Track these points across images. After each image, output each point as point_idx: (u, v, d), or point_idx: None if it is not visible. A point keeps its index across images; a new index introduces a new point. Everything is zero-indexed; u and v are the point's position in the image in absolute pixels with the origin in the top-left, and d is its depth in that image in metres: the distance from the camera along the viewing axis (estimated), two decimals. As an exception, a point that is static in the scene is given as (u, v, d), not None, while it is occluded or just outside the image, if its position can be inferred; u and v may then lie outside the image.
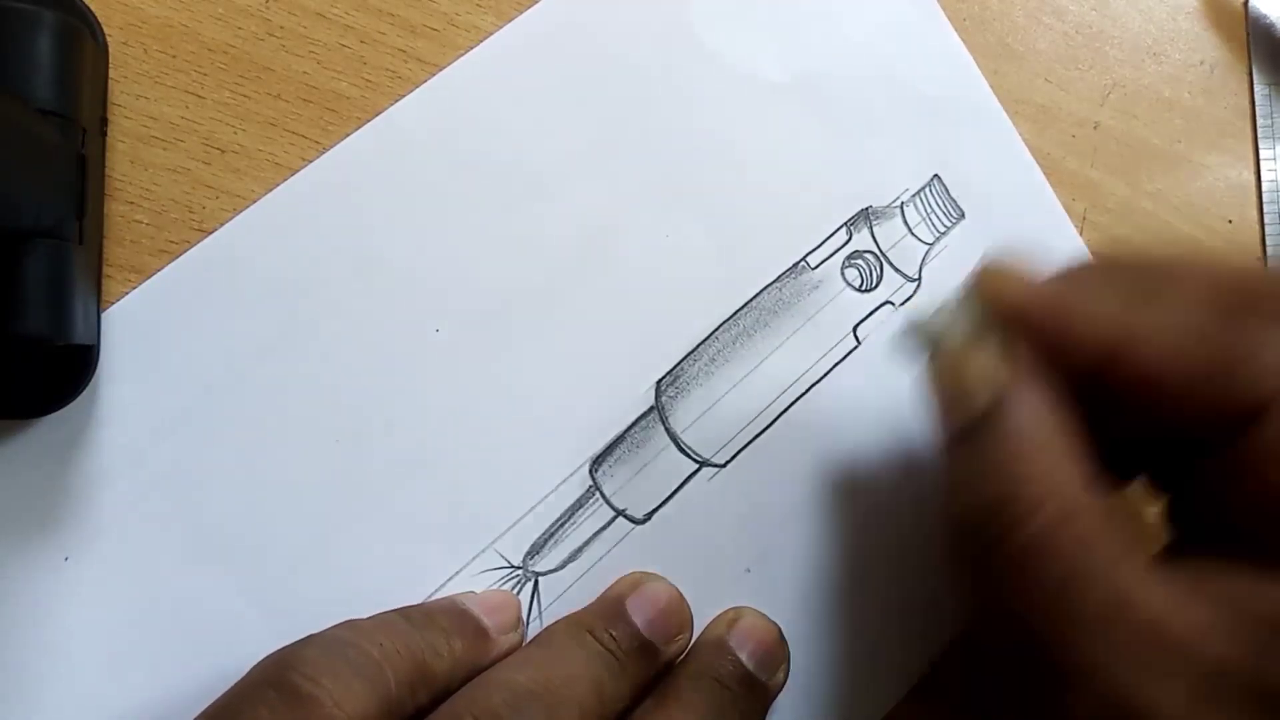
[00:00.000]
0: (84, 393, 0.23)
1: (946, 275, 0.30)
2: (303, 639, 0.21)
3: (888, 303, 0.30)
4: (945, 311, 0.23)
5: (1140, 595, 0.19)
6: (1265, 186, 0.36)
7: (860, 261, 0.29)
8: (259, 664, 0.21)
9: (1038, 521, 0.20)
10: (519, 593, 0.25)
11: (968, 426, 0.22)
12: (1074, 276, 0.23)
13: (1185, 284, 0.21)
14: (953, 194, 0.31)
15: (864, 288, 0.29)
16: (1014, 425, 0.21)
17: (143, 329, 0.24)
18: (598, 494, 0.26)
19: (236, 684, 0.21)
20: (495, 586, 0.25)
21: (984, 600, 0.22)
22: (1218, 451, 0.20)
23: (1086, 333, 0.21)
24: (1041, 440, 0.20)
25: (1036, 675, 0.20)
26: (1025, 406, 0.21)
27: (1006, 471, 0.20)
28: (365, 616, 0.23)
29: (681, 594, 0.26)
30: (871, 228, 0.30)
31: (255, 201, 0.25)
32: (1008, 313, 0.22)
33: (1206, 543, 0.21)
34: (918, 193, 0.31)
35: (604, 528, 0.26)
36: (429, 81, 0.27)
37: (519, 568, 0.26)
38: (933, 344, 0.23)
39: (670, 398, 0.27)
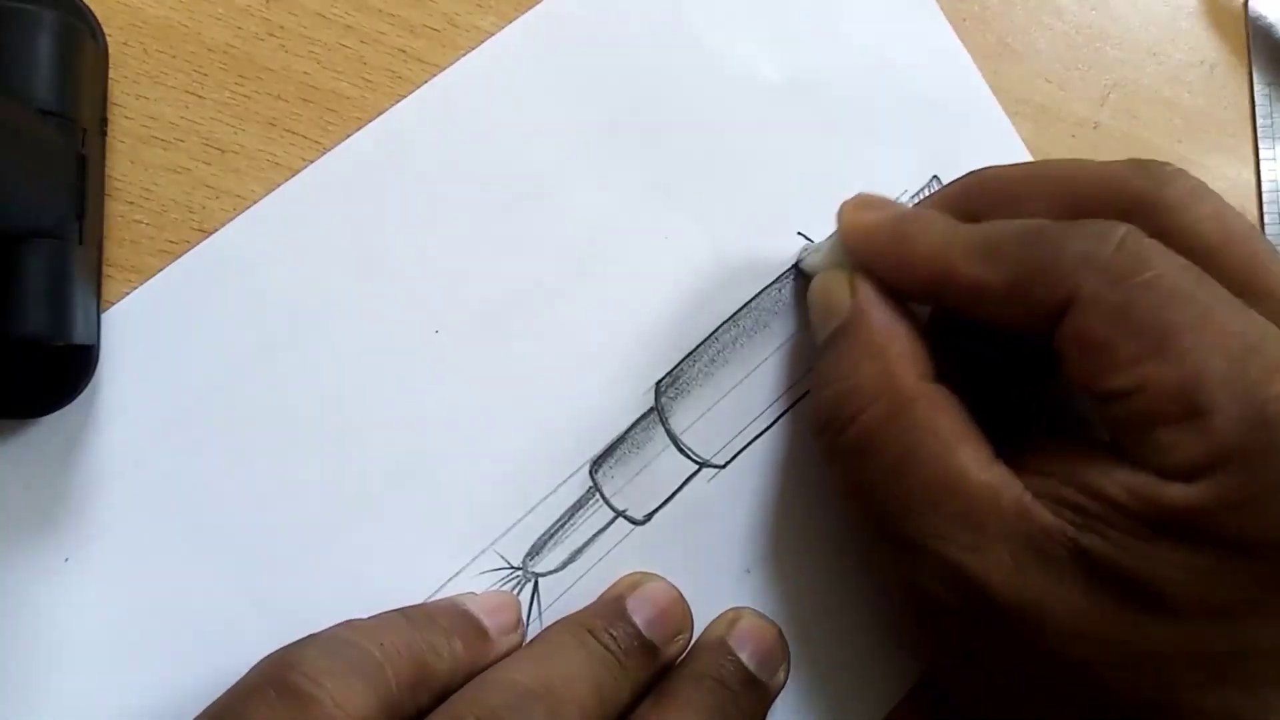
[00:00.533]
0: (84, 393, 0.23)
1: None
2: (303, 639, 0.21)
3: (888, 303, 0.30)
4: (823, 245, 0.28)
5: (970, 475, 0.21)
6: (1265, 186, 0.36)
7: (860, 262, 0.29)
8: (259, 664, 0.21)
9: (874, 411, 0.23)
10: (519, 593, 0.25)
11: (827, 337, 0.25)
12: (926, 203, 0.26)
13: (1022, 195, 0.24)
14: (953, 194, 0.31)
15: (864, 288, 0.29)
16: (858, 333, 0.24)
17: (143, 329, 0.24)
18: (598, 495, 0.26)
19: (236, 684, 0.21)
20: (495, 587, 0.25)
21: (838, 483, 0.25)
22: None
23: (915, 256, 0.24)
24: (879, 345, 0.24)
25: (886, 547, 0.23)
26: (869, 318, 0.24)
27: (849, 370, 0.24)
28: (365, 617, 0.23)
29: (681, 594, 0.26)
30: (872, 228, 0.30)
31: (255, 202, 0.25)
32: (857, 243, 0.25)
33: (1045, 435, 0.23)
34: (917, 194, 0.31)
35: (604, 529, 0.26)
36: (430, 82, 0.27)
37: (519, 568, 0.26)
38: (813, 274, 0.27)
39: (670, 399, 0.27)
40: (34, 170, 0.20)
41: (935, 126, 0.31)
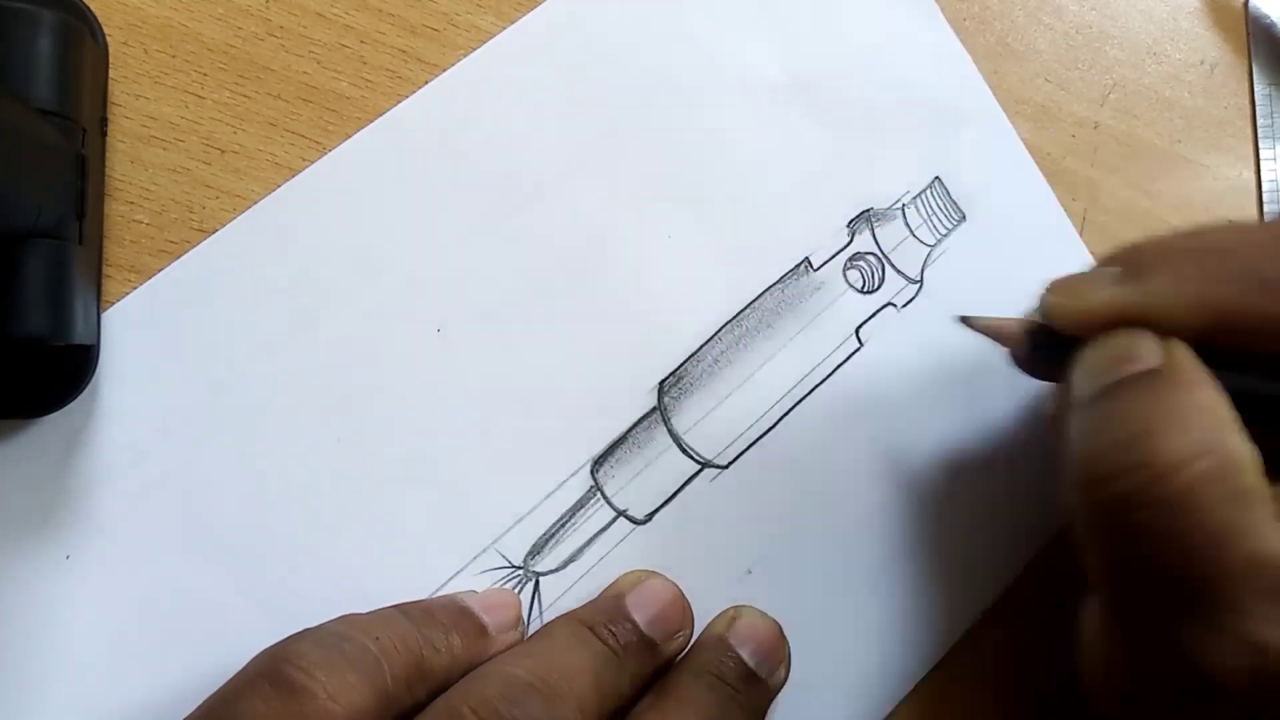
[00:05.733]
0: (84, 393, 0.23)
1: (948, 277, 0.30)
2: (298, 633, 0.21)
3: (890, 304, 0.30)
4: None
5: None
6: (1265, 186, 0.36)
7: (862, 263, 0.29)
8: (254, 658, 0.21)
9: (1201, 466, 0.20)
10: (520, 592, 0.25)
11: (1120, 381, 0.22)
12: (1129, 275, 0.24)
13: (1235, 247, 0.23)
14: (953, 196, 0.31)
15: (866, 289, 0.29)
16: (1178, 385, 0.22)
17: (143, 329, 0.24)
18: (599, 494, 0.26)
19: (232, 678, 0.21)
20: (496, 586, 0.25)
21: (1115, 543, 0.22)
22: None
23: (1179, 304, 0.22)
24: (1206, 402, 0.21)
25: (1171, 617, 0.21)
26: (1190, 373, 0.22)
27: (1165, 420, 0.21)
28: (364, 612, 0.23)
29: (681, 591, 0.25)
30: (873, 229, 0.30)
31: (256, 202, 0.25)
32: (1090, 323, 0.23)
33: None
34: (919, 195, 0.31)
35: (605, 528, 0.26)
36: (431, 83, 0.27)
37: (520, 568, 0.25)
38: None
39: (673, 399, 0.27)
40: (34, 170, 0.20)
41: (936, 127, 0.31)
